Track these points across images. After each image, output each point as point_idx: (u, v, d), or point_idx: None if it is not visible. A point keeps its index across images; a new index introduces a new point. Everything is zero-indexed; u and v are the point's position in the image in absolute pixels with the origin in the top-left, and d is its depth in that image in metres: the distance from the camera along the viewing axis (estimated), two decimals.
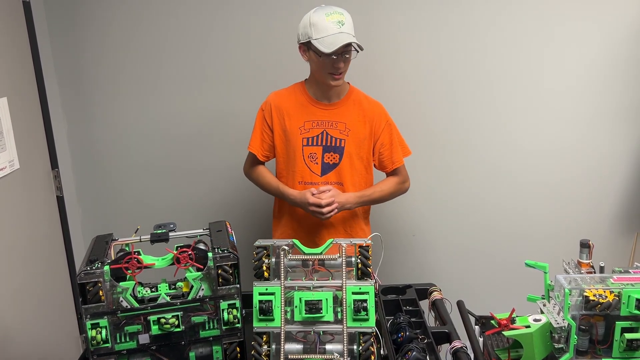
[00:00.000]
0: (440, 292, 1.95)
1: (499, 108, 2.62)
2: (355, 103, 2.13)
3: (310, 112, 2.11)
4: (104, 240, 1.71)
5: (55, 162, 2.57)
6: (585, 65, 2.54)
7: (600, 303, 1.50)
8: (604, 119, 2.59)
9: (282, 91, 2.18)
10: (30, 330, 2.27)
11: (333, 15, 1.96)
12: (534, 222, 2.69)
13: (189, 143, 2.70)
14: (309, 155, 2.11)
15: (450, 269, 2.72)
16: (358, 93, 2.16)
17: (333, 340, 1.59)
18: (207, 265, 1.57)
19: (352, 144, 2.11)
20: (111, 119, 2.70)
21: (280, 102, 2.14)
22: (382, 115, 2.15)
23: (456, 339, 1.67)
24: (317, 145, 2.11)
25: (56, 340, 2.44)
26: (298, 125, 2.10)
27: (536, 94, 2.59)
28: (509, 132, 2.64)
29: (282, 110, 2.13)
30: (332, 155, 2.12)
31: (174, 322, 1.56)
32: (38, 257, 2.39)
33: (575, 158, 2.63)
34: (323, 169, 2.13)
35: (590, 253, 1.73)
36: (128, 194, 2.77)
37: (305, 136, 2.11)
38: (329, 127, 2.10)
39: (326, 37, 1.95)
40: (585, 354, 1.56)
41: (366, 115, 2.12)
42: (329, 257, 1.63)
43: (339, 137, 2.10)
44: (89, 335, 1.52)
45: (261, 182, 2.22)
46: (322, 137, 2.10)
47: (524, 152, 2.65)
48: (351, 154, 2.12)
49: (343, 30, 1.96)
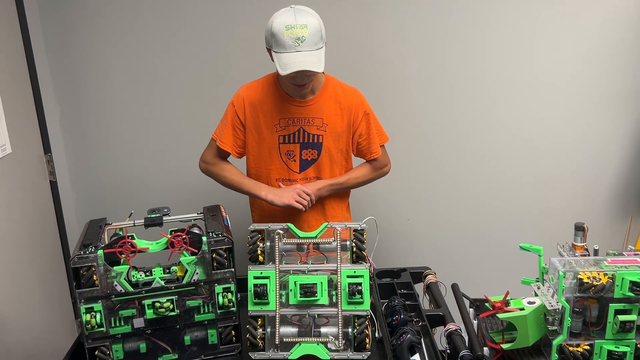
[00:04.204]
0: (435, 276, 1.96)
1: (492, 93, 2.61)
2: (331, 96, 2.04)
3: (285, 109, 2.01)
4: (97, 224, 1.70)
5: (48, 147, 2.55)
6: (579, 51, 2.54)
7: (594, 285, 1.50)
8: (598, 104, 2.59)
9: (254, 85, 2.07)
10: (25, 315, 2.27)
11: (293, 30, 1.80)
12: (528, 206, 2.70)
13: (183, 127, 2.68)
14: (286, 153, 2.05)
15: (445, 252, 2.73)
16: (334, 84, 2.05)
17: (328, 323, 1.60)
18: (202, 249, 1.57)
19: (330, 139, 2.05)
20: (104, 103, 2.68)
21: (254, 98, 2.04)
22: (360, 105, 2.06)
23: (450, 321, 1.67)
24: (295, 143, 2.04)
25: (52, 325, 2.44)
26: (273, 123, 2.02)
27: (529, 78, 2.59)
28: (502, 117, 2.63)
29: (256, 107, 2.04)
30: (310, 152, 2.06)
31: (168, 306, 1.56)
32: (32, 242, 2.38)
33: (570, 142, 2.64)
34: (302, 165, 2.08)
35: (585, 236, 1.73)
36: (122, 178, 2.75)
37: (281, 134, 2.03)
38: (305, 125, 2.02)
39: (282, 54, 1.82)
40: (578, 336, 1.57)
41: (343, 108, 2.04)
42: (324, 241, 1.63)
43: (317, 133, 2.03)
44: (84, 319, 1.52)
45: (228, 179, 2.10)
46: (299, 134, 2.03)
47: (518, 136, 2.65)
48: (329, 148, 2.06)
49: (301, 49, 1.81)
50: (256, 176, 2.12)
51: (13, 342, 2.16)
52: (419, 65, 2.59)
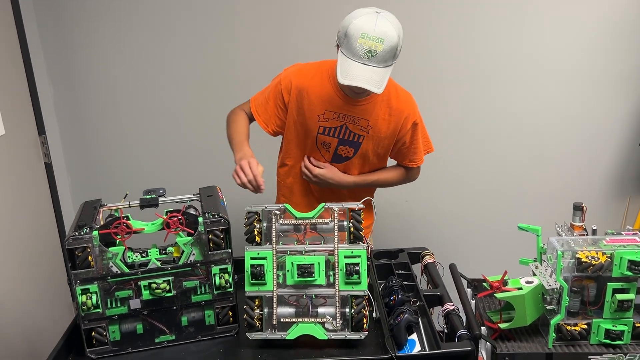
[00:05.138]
0: (432, 256, 1.95)
1: (490, 74, 2.59)
2: (384, 100, 1.91)
3: (334, 102, 1.90)
4: (92, 205, 1.68)
5: (42, 128, 2.52)
6: (578, 32, 2.51)
7: (593, 265, 1.50)
8: (597, 84, 2.57)
9: (308, 69, 1.96)
10: (21, 298, 2.26)
11: (368, 41, 1.68)
12: (526, 186, 2.69)
13: (179, 107, 2.65)
14: (322, 143, 1.97)
15: (443, 233, 2.73)
16: (389, 86, 1.87)
17: (325, 303, 1.59)
18: (198, 230, 1.56)
19: (370, 142, 1.96)
20: (98, 84, 2.64)
21: (303, 84, 1.93)
22: (411, 115, 1.95)
23: (448, 301, 1.67)
24: (334, 137, 1.95)
25: (48, 307, 2.44)
26: (318, 113, 1.92)
27: (527, 59, 2.56)
28: (501, 97, 2.61)
29: (303, 93, 1.93)
30: (346, 149, 1.97)
31: (165, 287, 1.56)
32: (27, 224, 2.36)
33: (568, 122, 2.62)
34: (334, 159, 2.00)
35: (584, 216, 1.73)
36: (117, 160, 2.73)
37: (323, 125, 1.94)
38: (349, 122, 1.92)
39: (349, 60, 1.72)
40: (576, 315, 1.57)
41: (392, 115, 1.93)
42: (321, 221, 1.62)
43: (359, 133, 1.94)
44: (79, 300, 1.51)
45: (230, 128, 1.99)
46: (341, 130, 1.93)
47: (516, 117, 2.63)
48: (367, 151, 1.98)
49: (369, 63, 1.70)
50: (293, 158, 2.07)
51: (9, 324, 2.15)
52: (414, 44, 2.55)
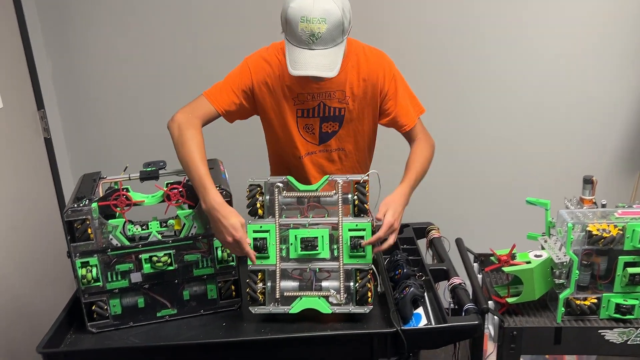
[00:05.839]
0: (438, 231, 1.92)
1: (498, 45, 2.53)
2: (354, 66, 1.78)
3: (304, 83, 1.75)
4: (91, 178, 1.66)
5: (41, 102, 2.48)
6: (591, 4, 2.44)
7: (604, 237, 1.47)
8: (608, 55, 2.50)
9: (271, 51, 1.79)
10: (22, 272, 2.25)
11: (308, 25, 1.54)
12: (534, 160, 2.64)
13: (178, 79, 2.59)
14: (305, 127, 1.85)
15: (449, 208, 2.68)
16: (357, 50, 1.79)
17: (329, 277, 1.57)
18: (199, 202, 1.53)
19: (353, 111, 1.83)
20: (96, 56, 2.58)
21: (271, 70, 1.77)
22: (387, 74, 1.82)
23: (454, 275, 1.64)
24: (314, 117, 1.83)
25: (49, 281, 2.42)
26: (291, 96, 1.79)
27: (539, 30, 2.49)
28: (509, 69, 2.55)
29: (274, 78, 1.77)
30: (330, 125, 1.85)
31: (166, 261, 1.54)
32: (27, 199, 2.33)
33: (578, 95, 2.56)
34: (321, 138, 1.87)
35: (594, 189, 1.68)
36: (117, 133, 2.68)
37: (299, 107, 1.82)
38: (326, 99, 1.80)
39: (294, 47, 1.58)
40: (586, 290, 1.54)
41: (367, 80, 1.80)
42: (325, 194, 1.58)
43: (338, 106, 1.82)
44: (79, 274, 1.49)
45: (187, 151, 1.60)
46: (319, 109, 1.81)
47: (525, 88, 2.56)
48: (352, 120, 1.85)
49: (315, 47, 1.57)
50: (277, 152, 1.94)
51: (10, 300, 2.14)
52: (422, 16, 2.50)
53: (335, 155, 1.88)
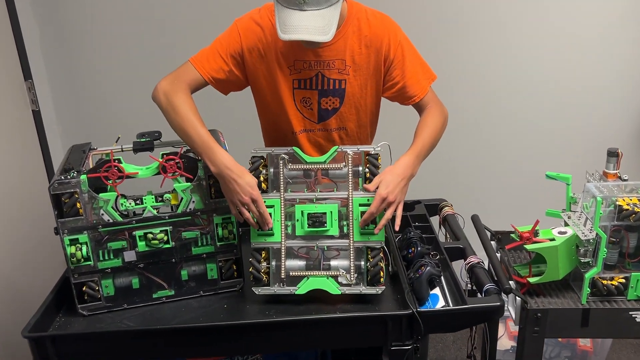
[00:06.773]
0: (451, 208, 1.83)
1: (514, 17, 2.42)
2: (355, 31, 1.64)
3: (300, 49, 1.61)
4: (81, 149, 1.55)
5: (29, 73, 2.35)
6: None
7: (635, 212, 1.37)
8: (632, 26, 2.39)
9: (264, 14, 1.64)
10: (9, 251, 2.15)
11: None
12: (551, 134, 2.54)
13: (175, 45, 2.46)
14: (302, 100, 1.70)
15: (462, 184, 2.59)
16: (358, 14, 1.65)
17: (338, 256, 1.48)
18: (198, 175, 1.43)
19: (354, 84, 1.69)
20: (86, 21, 2.45)
21: (264, 30, 1.63)
22: (392, 39, 1.67)
23: (471, 254, 1.54)
24: (312, 89, 1.69)
25: (39, 261, 2.32)
26: (287, 64, 1.65)
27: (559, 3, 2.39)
28: (529, 40, 2.44)
29: (267, 42, 1.63)
30: (330, 100, 1.70)
31: (162, 238, 1.44)
32: (15, 174, 2.22)
33: (598, 67, 2.46)
34: (320, 116, 1.72)
35: (619, 163, 1.58)
36: (109, 104, 2.56)
37: (296, 77, 1.67)
38: (324, 69, 1.66)
39: (283, 8, 1.44)
40: (613, 269, 1.45)
41: (370, 46, 1.66)
42: (334, 167, 1.47)
43: (338, 77, 1.67)
44: (68, 252, 1.39)
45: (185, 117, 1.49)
46: (317, 80, 1.67)
47: (544, 60, 2.46)
48: (354, 95, 1.70)
49: (307, 8, 1.42)
50: (271, 126, 1.80)
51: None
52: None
53: (336, 134, 1.74)
